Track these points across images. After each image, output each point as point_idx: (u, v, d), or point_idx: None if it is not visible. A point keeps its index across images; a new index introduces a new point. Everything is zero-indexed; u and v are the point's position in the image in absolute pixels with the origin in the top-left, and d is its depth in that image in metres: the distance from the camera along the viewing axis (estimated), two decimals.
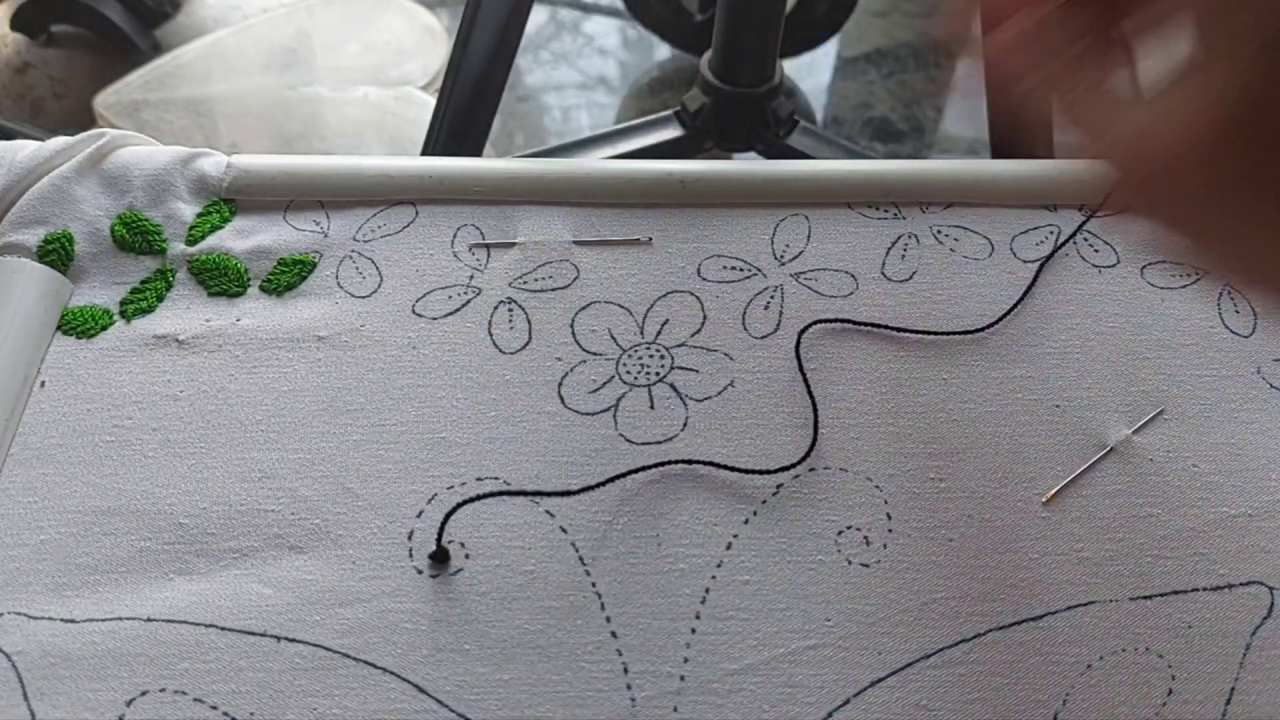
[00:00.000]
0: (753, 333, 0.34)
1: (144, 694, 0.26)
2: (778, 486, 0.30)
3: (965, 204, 0.37)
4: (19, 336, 0.32)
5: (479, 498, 0.29)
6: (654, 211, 0.37)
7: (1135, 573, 0.29)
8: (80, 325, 0.34)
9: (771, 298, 0.35)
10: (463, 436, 0.31)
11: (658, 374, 0.33)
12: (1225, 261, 0.22)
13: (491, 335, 0.34)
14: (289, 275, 0.35)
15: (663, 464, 0.30)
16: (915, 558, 0.29)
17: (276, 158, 0.37)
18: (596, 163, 0.39)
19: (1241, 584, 0.29)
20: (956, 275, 0.36)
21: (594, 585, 0.28)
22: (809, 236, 0.36)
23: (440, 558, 0.29)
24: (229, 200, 0.37)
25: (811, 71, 0.78)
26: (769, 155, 0.59)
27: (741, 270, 0.36)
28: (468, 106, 0.51)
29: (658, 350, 0.33)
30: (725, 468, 0.30)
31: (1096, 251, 0.36)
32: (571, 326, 0.34)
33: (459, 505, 0.29)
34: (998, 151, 0.56)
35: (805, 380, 0.32)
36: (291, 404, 0.32)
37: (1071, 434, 0.32)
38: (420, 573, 0.29)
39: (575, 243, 0.36)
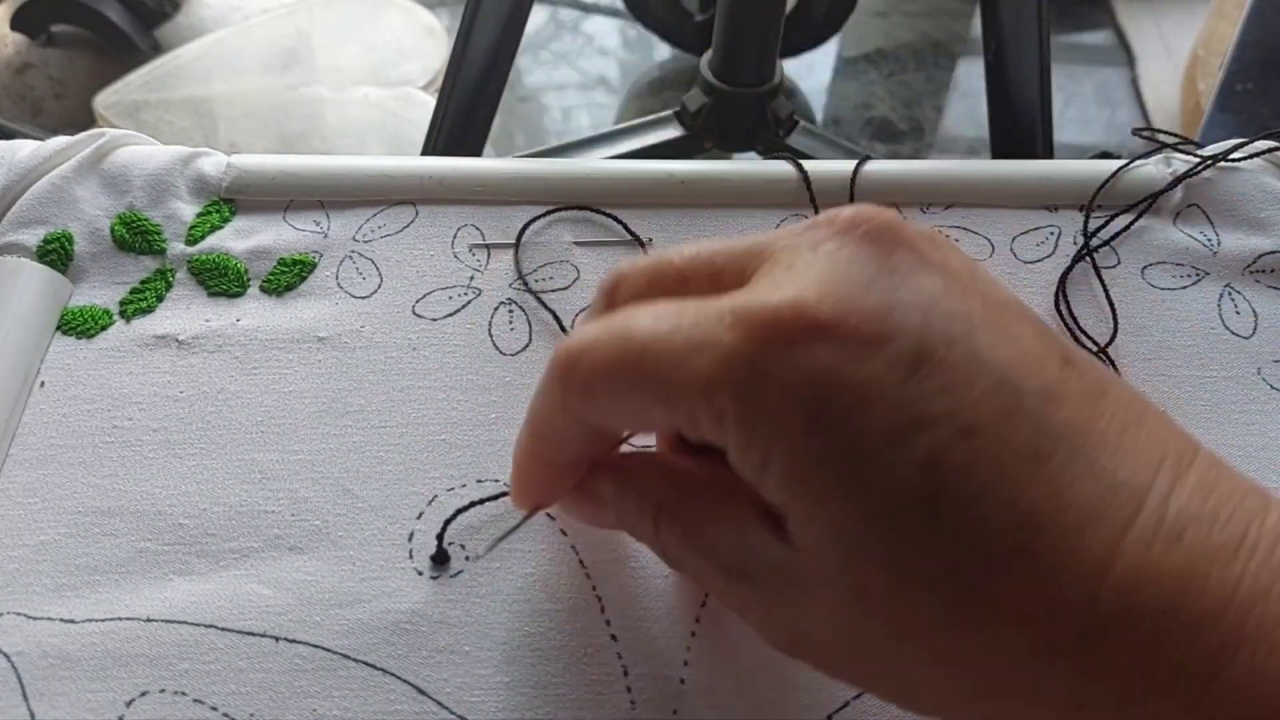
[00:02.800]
0: None
1: (144, 694, 0.26)
2: None
3: (965, 204, 0.37)
4: (19, 336, 0.32)
5: (473, 504, 0.29)
6: (654, 212, 0.37)
7: None
8: (80, 325, 0.34)
9: None
10: (463, 438, 0.31)
11: None
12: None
13: (492, 337, 0.34)
14: (289, 275, 0.35)
15: None
16: None
17: (276, 158, 0.37)
18: (597, 163, 0.39)
19: None
20: None
21: (594, 588, 0.28)
22: None
23: (440, 559, 0.29)
24: (229, 200, 0.37)
25: (811, 71, 0.78)
26: (769, 155, 0.59)
27: None
28: (468, 106, 0.51)
29: None
30: None
31: (1097, 252, 0.36)
32: (572, 328, 0.34)
33: (457, 512, 0.29)
34: (998, 151, 0.56)
35: None
36: (291, 405, 0.32)
37: None
38: (420, 574, 0.29)
39: (575, 243, 0.36)
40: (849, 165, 0.37)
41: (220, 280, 0.35)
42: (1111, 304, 0.35)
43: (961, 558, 0.17)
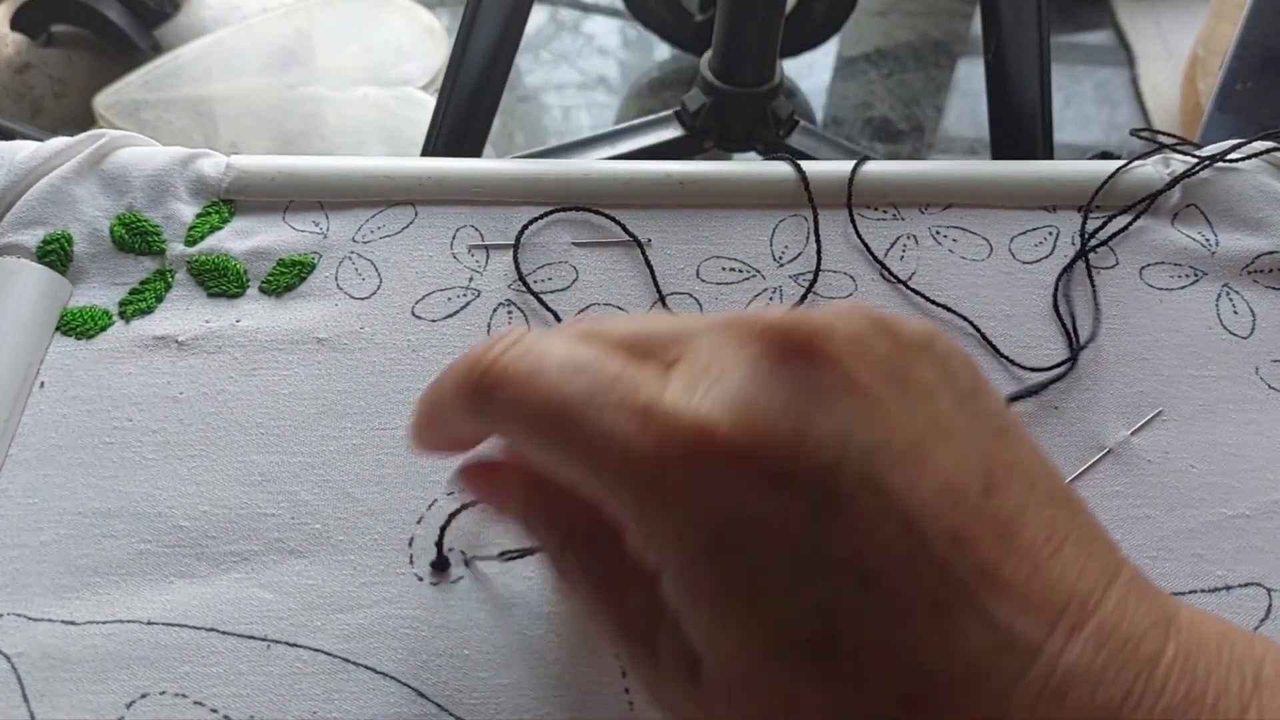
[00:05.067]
0: None
1: (144, 696, 0.26)
2: None
3: (964, 205, 0.37)
4: (18, 337, 0.32)
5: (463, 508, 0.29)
6: (652, 212, 0.37)
7: None
8: (79, 326, 0.34)
9: (770, 299, 0.35)
10: None
11: None
12: None
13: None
14: (288, 276, 0.35)
15: None
16: None
17: (275, 158, 0.37)
18: (596, 163, 0.39)
19: (1239, 585, 0.29)
20: (954, 277, 0.36)
21: None
22: (808, 237, 0.36)
23: (440, 566, 0.29)
24: (228, 201, 0.37)
25: (811, 71, 0.78)
26: (769, 155, 0.59)
27: (740, 272, 0.36)
28: (468, 106, 0.51)
29: None
30: None
31: (1095, 253, 0.36)
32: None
33: (451, 516, 0.29)
34: (998, 152, 0.56)
35: None
36: (291, 407, 0.32)
37: (1069, 435, 0.32)
38: (421, 580, 0.29)
39: (574, 244, 0.36)
40: (847, 166, 0.37)
41: (220, 281, 0.35)
42: (1097, 306, 0.35)
43: (848, 702, 0.17)
